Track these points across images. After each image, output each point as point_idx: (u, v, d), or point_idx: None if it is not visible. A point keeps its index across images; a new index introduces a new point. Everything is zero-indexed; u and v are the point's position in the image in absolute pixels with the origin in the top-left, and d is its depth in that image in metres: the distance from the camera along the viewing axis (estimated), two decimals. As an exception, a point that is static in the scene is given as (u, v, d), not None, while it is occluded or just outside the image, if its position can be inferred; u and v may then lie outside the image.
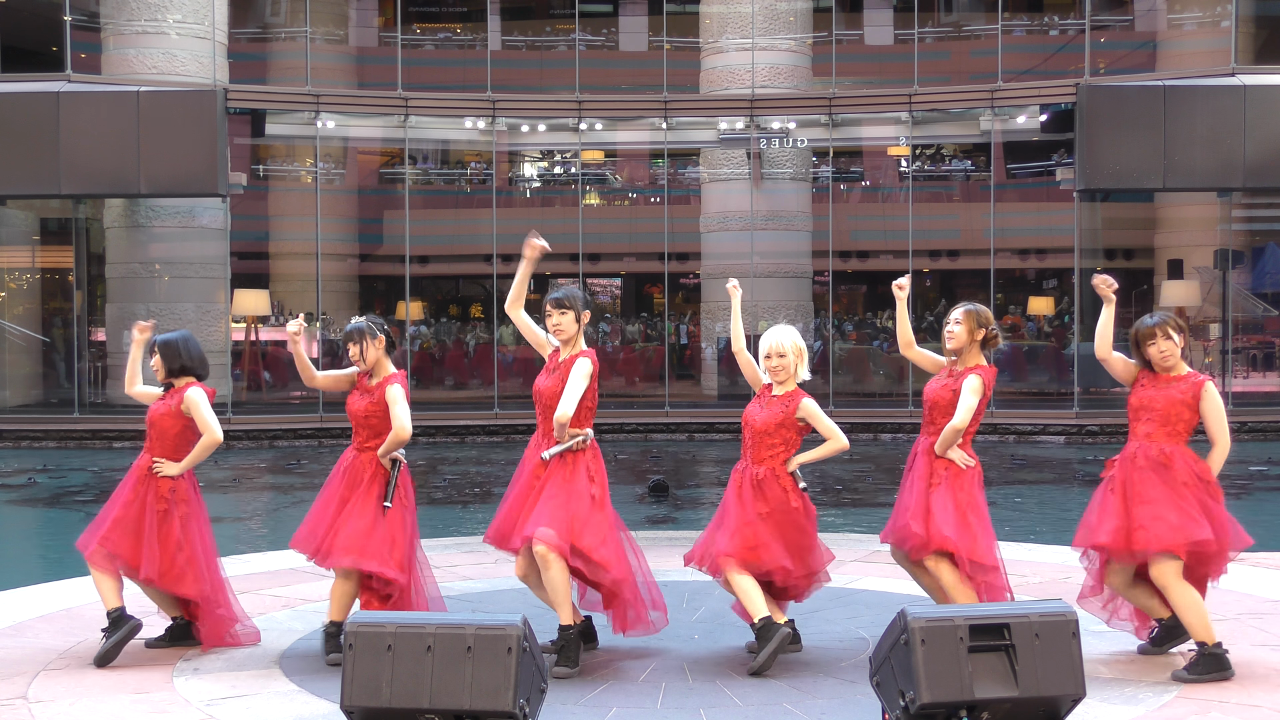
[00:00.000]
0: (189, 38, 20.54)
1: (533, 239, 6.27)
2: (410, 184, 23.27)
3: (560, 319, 6.14)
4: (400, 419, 6.01)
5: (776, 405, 6.14)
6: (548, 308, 6.19)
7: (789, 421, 6.10)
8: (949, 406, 6.05)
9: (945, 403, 6.08)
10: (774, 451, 6.09)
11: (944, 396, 6.11)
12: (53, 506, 13.70)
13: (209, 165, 19.13)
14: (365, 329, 6.16)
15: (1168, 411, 5.93)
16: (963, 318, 6.14)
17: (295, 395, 21.76)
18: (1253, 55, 22.79)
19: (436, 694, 4.42)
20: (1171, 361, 5.98)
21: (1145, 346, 6.01)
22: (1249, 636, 6.37)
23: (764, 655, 5.81)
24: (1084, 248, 20.80)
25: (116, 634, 6.06)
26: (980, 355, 6.17)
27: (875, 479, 14.90)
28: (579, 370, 6.01)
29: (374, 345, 6.17)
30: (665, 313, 25.44)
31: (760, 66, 21.72)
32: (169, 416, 6.30)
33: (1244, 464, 16.42)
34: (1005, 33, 21.69)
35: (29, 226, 22.84)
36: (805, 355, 6.21)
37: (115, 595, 6.18)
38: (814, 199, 22.89)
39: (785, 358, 6.13)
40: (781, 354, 6.12)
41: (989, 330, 6.16)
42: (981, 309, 6.21)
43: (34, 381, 22.11)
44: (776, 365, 6.14)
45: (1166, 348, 5.96)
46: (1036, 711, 4.60)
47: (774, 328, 6.29)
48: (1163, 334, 5.96)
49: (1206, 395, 5.92)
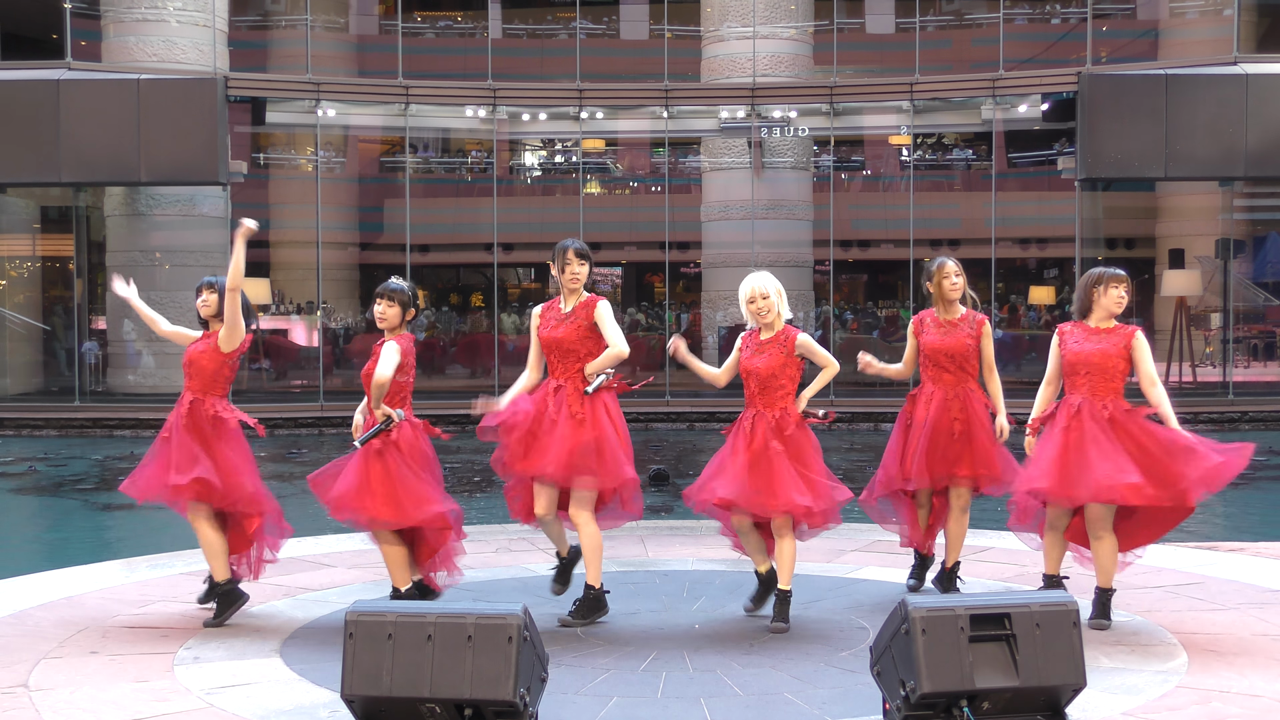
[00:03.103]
0: (189, 25, 20.51)
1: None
2: (411, 172, 23.25)
3: (579, 269, 6.46)
4: (380, 369, 6.22)
5: (774, 348, 6.40)
6: (569, 255, 6.46)
7: (790, 360, 6.40)
8: (973, 353, 6.88)
9: (971, 350, 6.89)
10: (784, 392, 6.39)
11: (968, 344, 6.88)
12: (53, 495, 13.71)
13: (209, 153, 19.11)
14: (405, 292, 6.41)
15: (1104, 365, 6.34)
16: (960, 269, 6.96)
17: (296, 384, 21.77)
18: (1255, 44, 22.75)
19: (437, 683, 4.42)
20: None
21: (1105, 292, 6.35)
22: (1250, 626, 6.37)
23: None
24: (1085, 237, 20.77)
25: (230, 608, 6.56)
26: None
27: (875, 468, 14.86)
28: (605, 312, 6.46)
29: (408, 315, 6.42)
30: (666, 302, 25.44)
31: (761, 55, 21.67)
32: (207, 354, 6.64)
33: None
34: (1007, 21, 21.65)
35: (29, 214, 22.82)
36: (784, 295, 6.52)
37: (224, 566, 6.62)
38: (815, 188, 22.85)
39: (769, 299, 6.41)
40: (765, 295, 6.40)
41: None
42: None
43: (34, 369, 22.12)
44: (762, 307, 6.41)
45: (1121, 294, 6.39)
46: (1037, 701, 4.60)
47: (751, 274, 6.54)
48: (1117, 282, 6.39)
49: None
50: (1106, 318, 6.39)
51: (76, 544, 10.81)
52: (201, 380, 6.62)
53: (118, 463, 16.00)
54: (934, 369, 6.97)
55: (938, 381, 6.96)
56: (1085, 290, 6.43)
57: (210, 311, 6.71)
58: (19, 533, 11.99)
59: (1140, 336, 6.35)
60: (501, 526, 9.45)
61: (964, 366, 6.93)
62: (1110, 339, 6.32)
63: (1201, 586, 7.26)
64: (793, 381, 6.40)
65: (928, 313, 7.10)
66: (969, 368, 6.95)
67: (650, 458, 15.57)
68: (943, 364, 6.93)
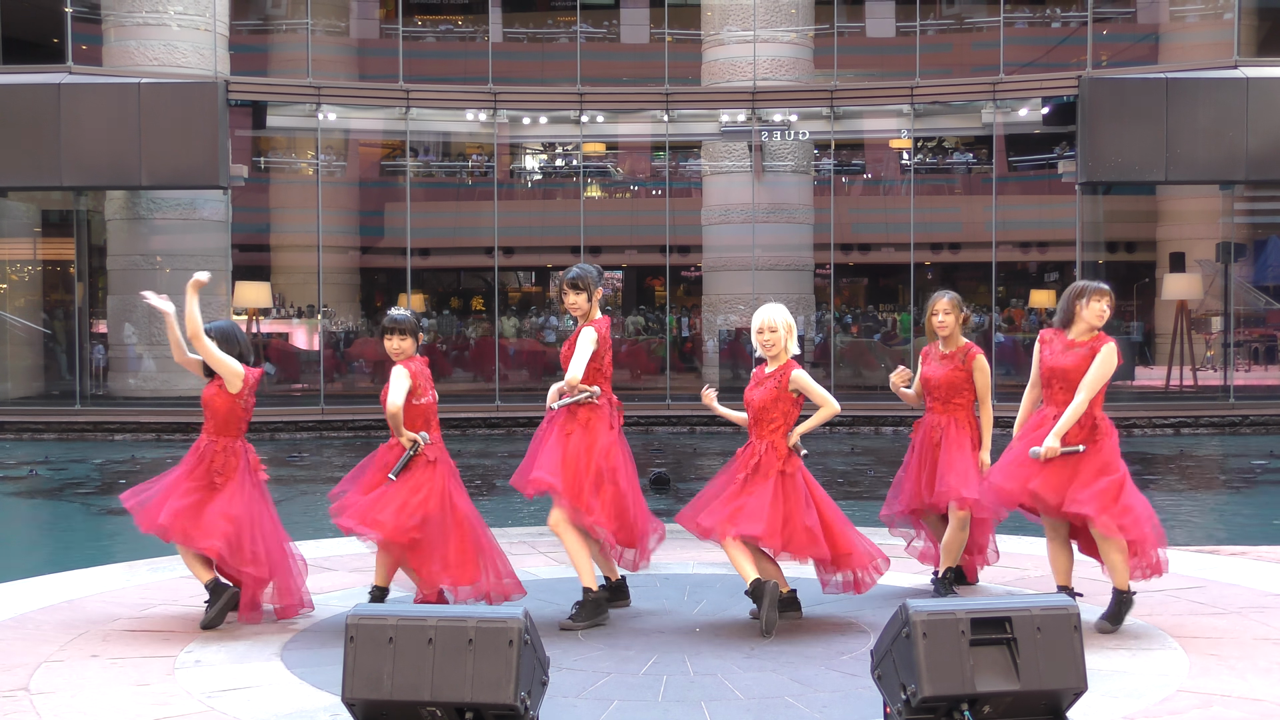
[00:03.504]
0: (190, 29, 20.53)
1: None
2: (411, 176, 23.26)
3: (575, 298, 6.69)
4: (390, 399, 6.44)
5: (770, 382, 6.55)
6: (564, 286, 6.73)
7: (784, 395, 6.52)
8: (962, 385, 7.05)
9: (960, 382, 7.06)
10: (774, 426, 6.51)
11: (957, 377, 7.06)
12: (54, 498, 13.71)
13: (210, 157, 19.12)
14: (412, 324, 6.59)
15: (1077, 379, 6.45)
16: (949, 307, 7.09)
17: (297, 388, 21.77)
18: (1255, 47, 22.77)
19: (438, 686, 4.42)
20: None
21: (1087, 304, 6.41)
22: (1251, 630, 6.36)
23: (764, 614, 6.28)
24: (1086, 240, 20.78)
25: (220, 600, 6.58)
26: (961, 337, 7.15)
27: (876, 471, 14.89)
28: (584, 338, 6.63)
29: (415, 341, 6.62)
30: (667, 305, 25.45)
31: (762, 59, 21.68)
32: (219, 396, 6.72)
33: (1246, 458, 16.42)
34: (1007, 25, 21.66)
35: (30, 218, 22.83)
36: (794, 331, 6.64)
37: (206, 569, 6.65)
38: (815, 191, 22.86)
39: (777, 333, 6.55)
40: (774, 329, 6.54)
41: (967, 314, 7.25)
42: (957, 296, 7.20)
43: (35, 373, 22.12)
44: (769, 340, 6.55)
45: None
46: (1038, 705, 4.60)
47: (766, 305, 6.71)
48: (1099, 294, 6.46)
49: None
50: (1087, 330, 6.46)
51: (77, 547, 10.81)
52: (215, 422, 6.69)
53: (118, 467, 16.01)
54: (928, 398, 7.25)
55: (930, 410, 7.24)
56: (1069, 301, 6.49)
57: (201, 369, 6.75)
58: (20, 536, 11.99)
59: (1106, 348, 6.39)
60: (501, 530, 9.45)
61: (951, 398, 7.13)
62: (1084, 352, 6.41)
63: (1203, 590, 7.25)
64: (786, 417, 6.52)
65: (934, 345, 7.32)
66: (958, 399, 7.13)
67: (651, 461, 15.57)
68: (933, 393, 7.19)
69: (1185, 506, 12.77)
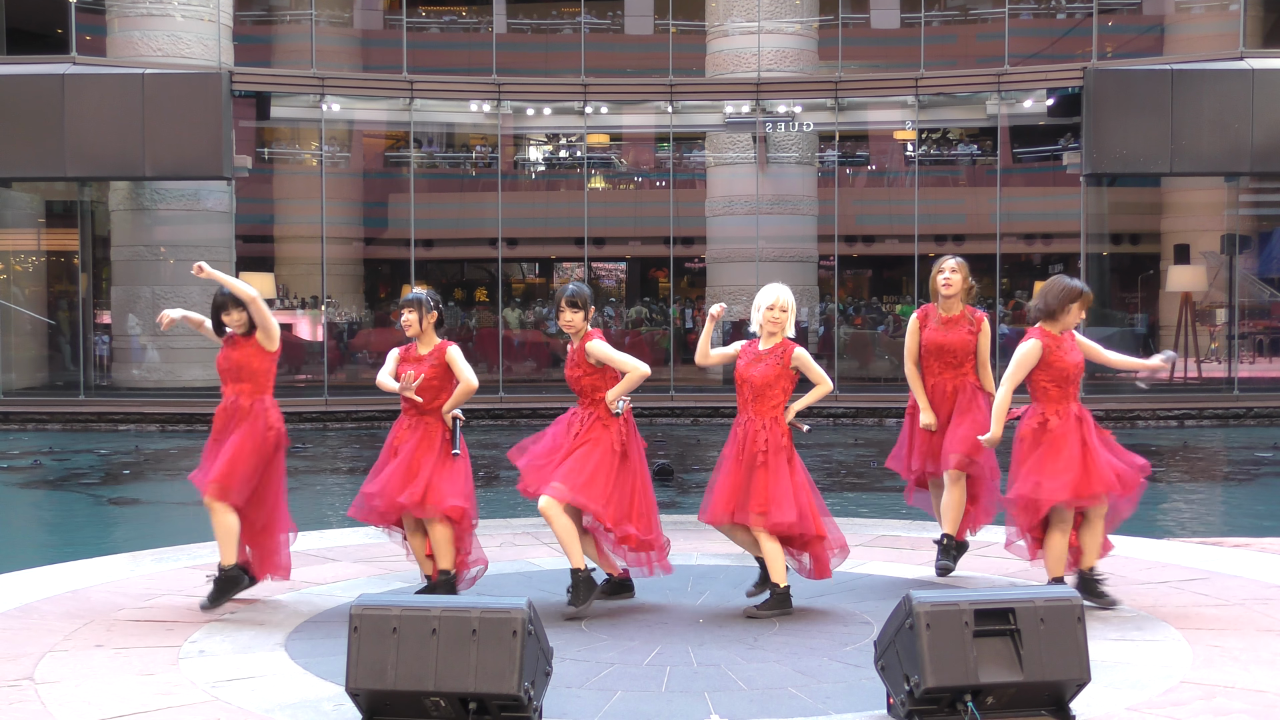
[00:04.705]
0: (194, 20, 20.53)
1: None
2: (415, 167, 23.25)
3: (570, 316, 6.67)
4: (466, 375, 6.68)
5: (771, 359, 6.55)
6: (562, 304, 6.70)
7: (784, 373, 6.53)
8: (974, 349, 7.12)
9: (973, 347, 7.12)
10: (775, 403, 6.54)
11: (970, 341, 7.13)
12: (59, 488, 13.73)
13: (214, 148, 19.12)
14: (424, 300, 6.74)
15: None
16: (957, 266, 7.14)
17: (300, 379, 21.78)
18: (1261, 39, 22.72)
19: (441, 676, 4.43)
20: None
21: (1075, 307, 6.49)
22: (1255, 621, 6.36)
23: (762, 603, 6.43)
24: (1090, 232, 20.76)
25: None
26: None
27: (879, 463, 14.88)
28: (606, 346, 6.64)
29: (429, 318, 6.74)
30: (670, 296, 25.43)
31: (766, 50, 21.66)
32: (256, 356, 6.90)
33: (1250, 449, 16.41)
34: (1012, 16, 21.61)
35: (34, 209, 22.84)
36: (793, 312, 6.69)
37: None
38: (820, 183, 22.83)
39: (787, 312, 6.59)
40: (785, 308, 6.60)
41: (973, 284, 7.26)
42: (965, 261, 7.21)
43: (40, 364, 22.15)
44: (779, 319, 6.57)
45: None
46: (1041, 696, 4.60)
47: (773, 284, 6.75)
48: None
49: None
50: (1063, 330, 6.54)
51: (82, 538, 10.83)
52: (254, 382, 6.88)
53: (123, 457, 16.03)
54: (936, 362, 7.19)
55: (935, 376, 7.19)
56: (1060, 301, 6.49)
57: (243, 329, 6.87)
58: (25, 526, 12.02)
59: (1071, 335, 6.55)
60: (505, 521, 9.46)
61: (965, 362, 7.16)
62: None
63: (1206, 582, 7.25)
64: (785, 393, 6.57)
65: (930, 307, 7.26)
66: (967, 363, 7.17)
67: (654, 452, 15.57)
68: (944, 359, 7.16)
69: (1189, 499, 12.77)
